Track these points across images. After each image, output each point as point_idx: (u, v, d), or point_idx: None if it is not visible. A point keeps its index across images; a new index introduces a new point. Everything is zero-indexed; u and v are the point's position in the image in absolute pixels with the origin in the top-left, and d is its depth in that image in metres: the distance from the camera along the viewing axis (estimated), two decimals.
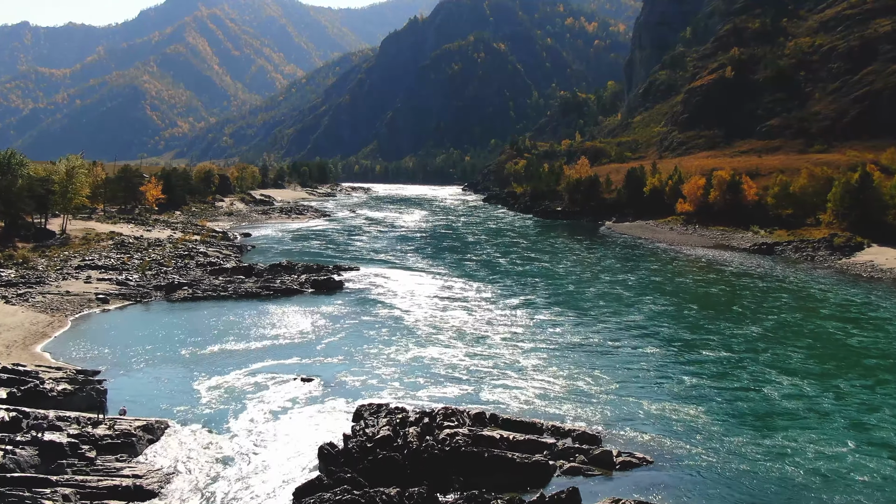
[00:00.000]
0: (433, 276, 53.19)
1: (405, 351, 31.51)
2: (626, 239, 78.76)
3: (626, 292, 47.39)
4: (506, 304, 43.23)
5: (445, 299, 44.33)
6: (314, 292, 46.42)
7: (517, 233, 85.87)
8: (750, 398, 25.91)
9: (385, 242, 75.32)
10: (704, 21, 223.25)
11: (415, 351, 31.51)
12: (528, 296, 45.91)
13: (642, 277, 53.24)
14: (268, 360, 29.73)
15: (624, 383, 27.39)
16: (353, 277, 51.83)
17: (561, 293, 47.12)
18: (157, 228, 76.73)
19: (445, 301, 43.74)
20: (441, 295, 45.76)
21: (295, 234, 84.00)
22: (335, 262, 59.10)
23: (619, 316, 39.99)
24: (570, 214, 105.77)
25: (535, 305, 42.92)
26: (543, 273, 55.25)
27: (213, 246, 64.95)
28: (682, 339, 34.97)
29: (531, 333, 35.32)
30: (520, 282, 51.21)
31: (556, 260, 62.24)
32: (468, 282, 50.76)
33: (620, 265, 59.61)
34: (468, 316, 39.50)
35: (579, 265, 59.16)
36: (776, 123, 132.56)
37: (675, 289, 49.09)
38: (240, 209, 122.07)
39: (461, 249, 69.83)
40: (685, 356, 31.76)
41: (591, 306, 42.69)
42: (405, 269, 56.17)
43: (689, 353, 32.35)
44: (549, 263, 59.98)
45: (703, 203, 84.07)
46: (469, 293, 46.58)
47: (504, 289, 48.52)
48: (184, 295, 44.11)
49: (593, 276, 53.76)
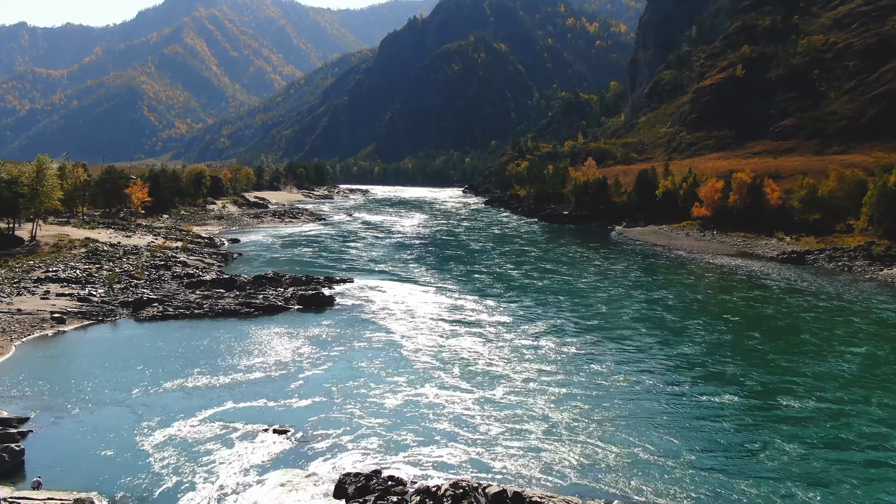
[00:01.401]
0: (436, 292, 47.40)
1: (402, 392, 26.03)
2: (642, 246, 73.52)
3: (668, 314, 40.75)
4: (525, 329, 36.56)
5: (451, 322, 38.31)
6: (301, 309, 41.27)
7: (525, 239, 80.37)
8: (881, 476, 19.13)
9: (382, 250, 70.10)
10: (710, 19, 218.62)
11: (414, 393, 26.00)
12: (552, 319, 39.01)
13: (679, 294, 46.94)
14: (237, 401, 24.58)
15: (695, 448, 20.77)
16: (346, 291, 46.68)
17: (591, 316, 40.38)
18: (138, 234, 71.58)
19: (451, 324, 37.75)
20: (446, 316, 39.82)
21: (286, 239, 78.85)
22: (327, 272, 53.97)
23: (669, 348, 33.15)
24: (578, 219, 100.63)
25: (562, 332, 35.93)
26: (564, 289, 48.81)
27: (194, 254, 59.80)
28: (757, 381, 27.62)
29: (561, 372, 28.57)
30: (539, 300, 44.86)
31: (574, 272, 56.10)
32: (478, 299, 44.62)
33: (649, 278, 53.65)
34: (479, 345, 32.95)
35: (602, 278, 53.05)
36: (790, 124, 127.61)
37: (721, 309, 42.49)
38: (231, 212, 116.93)
39: (466, 259, 64.09)
40: (771, 408, 24.54)
41: (631, 334, 35.78)
42: (404, 282, 50.75)
43: (774, 403, 25.07)
44: (568, 276, 53.87)
45: (721, 207, 78.96)
46: (479, 314, 40.40)
47: (521, 309, 41.98)
48: (153, 313, 38.96)
49: (624, 293, 47.19)
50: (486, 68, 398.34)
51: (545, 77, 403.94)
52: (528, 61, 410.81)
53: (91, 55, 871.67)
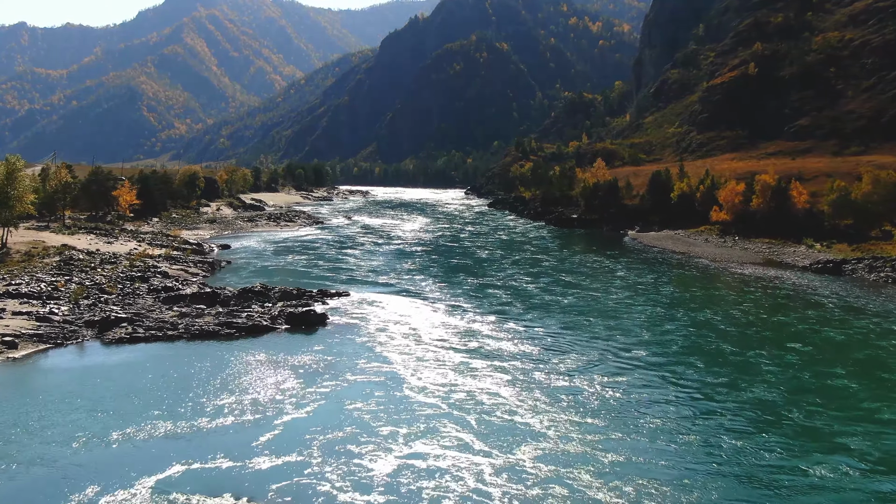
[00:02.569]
0: (444, 310, 41.71)
1: (398, 451, 20.63)
2: (661, 253, 68.64)
3: (723, 343, 33.64)
4: (555, 364, 29.46)
5: (463, 351, 32.05)
6: (289, 330, 36.54)
7: (535, 246, 75.15)
8: None
9: (382, 258, 65.30)
10: (718, 17, 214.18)
11: (413, 452, 20.54)
12: (586, 349, 32.49)
13: (727, 315, 39.87)
14: (195, 459, 19.82)
15: None
16: (341, 306, 41.95)
17: (632, 344, 33.39)
18: (121, 240, 66.87)
19: (463, 354, 31.42)
20: (456, 342, 33.71)
21: (280, 245, 74.17)
22: (321, 284, 49.27)
23: (738, 391, 26.05)
24: (588, 222, 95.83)
25: (601, 368, 29.30)
26: (593, 308, 42.22)
27: (178, 262, 55.08)
28: (876, 448, 20.72)
29: (607, 428, 22.05)
30: (566, 323, 38.26)
31: (599, 285, 50.16)
32: (494, 322, 38.12)
33: (684, 293, 47.59)
34: (499, 385, 26.48)
35: (632, 294, 47.03)
36: (806, 123, 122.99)
37: (781, 334, 35.28)
38: (225, 215, 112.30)
39: (475, 269, 58.60)
40: None
41: (687, 371, 28.67)
42: (407, 296, 45.67)
43: None
44: (593, 292, 47.77)
45: (742, 211, 74.22)
46: (497, 341, 33.89)
47: (547, 335, 35.24)
48: (121, 335, 34.24)
49: (663, 314, 40.39)
50: (487, 68, 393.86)
51: (547, 77, 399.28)
52: (530, 61, 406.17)
53: (91, 55, 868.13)
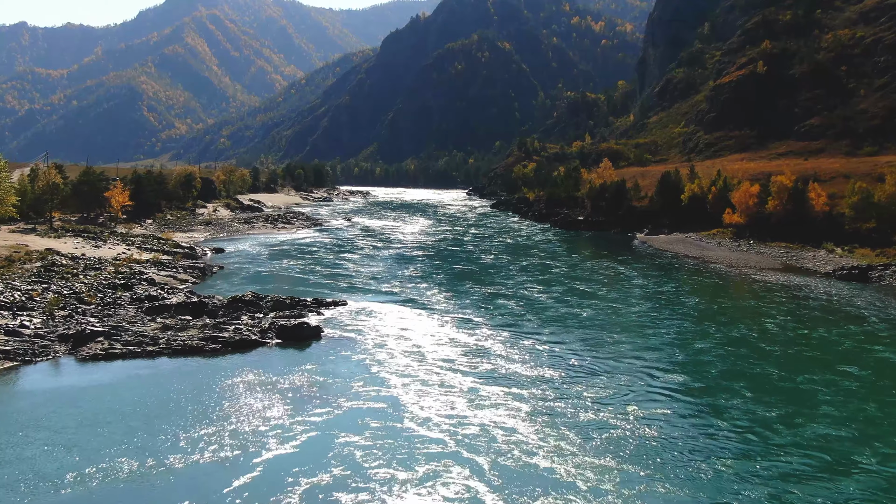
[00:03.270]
0: (450, 322, 37.96)
1: None
2: (674, 258, 65.64)
3: (772, 368, 28.99)
4: (580, 393, 25.31)
5: (472, 374, 27.91)
6: (280, 344, 33.65)
7: (543, 250, 71.88)
8: None
9: (382, 263, 62.36)
10: (724, 16, 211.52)
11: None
12: (613, 374, 28.06)
13: (763, 331, 35.18)
14: None
15: None
16: (337, 317, 39.08)
17: (664, 368, 29.42)
18: (109, 243, 64.04)
19: (473, 378, 27.30)
20: (464, 363, 29.67)
21: (276, 249, 71.32)
22: (317, 291, 46.41)
23: (803, 429, 22.01)
24: (595, 225, 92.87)
25: (635, 397, 25.03)
26: (615, 322, 37.95)
27: (167, 268, 52.22)
28: None
29: (660, 485, 17.98)
30: (588, 341, 33.81)
31: (617, 295, 46.13)
32: (507, 338, 33.81)
33: (710, 304, 43.56)
34: (516, 419, 22.52)
35: (654, 305, 43.16)
36: (817, 123, 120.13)
37: (830, 356, 31.15)
38: (221, 217, 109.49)
39: (481, 276, 55.08)
40: None
41: (734, 400, 24.63)
42: (408, 306, 42.57)
43: None
44: (612, 302, 43.61)
45: (757, 214, 71.29)
46: (511, 363, 29.50)
47: (569, 354, 31.23)
48: (96, 350, 31.41)
49: (694, 329, 35.89)
50: (489, 68, 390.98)
51: (550, 77, 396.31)
52: (532, 60, 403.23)
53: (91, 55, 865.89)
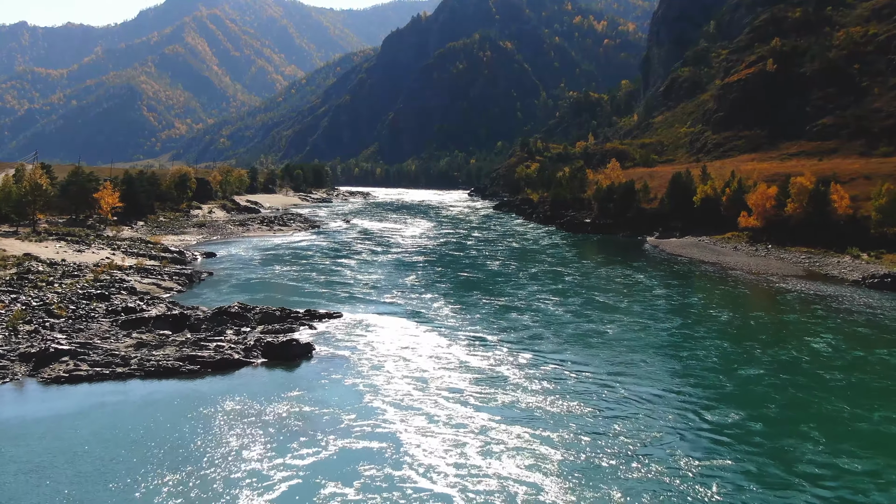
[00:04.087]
0: (458, 341, 33.78)
1: None
2: (691, 264, 62.12)
3: (839, 402, 24.92)
4: (623, 439, 21.24)
5: (486, 409, 24.04)
6: (266, 364, 30.33)
7: (552, 256, 68.02)
8: None
9: (381, 270, 58.95)
10: (730, 14, 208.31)
11: None
12: (659, 412, 23.74)
13: (814, 353, 30.66)
14: None
15: None
16: (330, 332, 35.73)
17: (717, 404, 24.76)
18: (94, 247, 60.79)
19: (488, 414, 23.44)
20: (476, 393, 25.67)
21: (270, 253, 68.01)
22: (310, 301, 43.09)
23: None
24: (602, 227, 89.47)
25: (691, 447, 20.82)
26: (645, 342, 33.94)
27: (151, 275, 48.91)
28: None
29: None
30: (619, 366, 29.48)
31: (639, 307, 42.01)
32: (525, 363, 29.82)
33: (749, 321, 39.02)
34: (543, 471, 18.95)
35: (683, 319, 39.11)
36: (830, 122, 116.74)
37: None
38: (216, 218, 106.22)
39: (489, 285, 50.76)
40: None
41: (807, 446, 20.91)
42: (410, 320, 38.93)
43: None
44: (637, 317, 39.26)
45: (775, 217, 67.94)
46: (532, 394, 25.69)
47: (599, 384, 26.86)
48: (59, 372, 28.15)
49: (735, 352, 31.31)
50: (491, 67, 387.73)
51: (552, 76, 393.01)
52: (534, 60, 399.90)
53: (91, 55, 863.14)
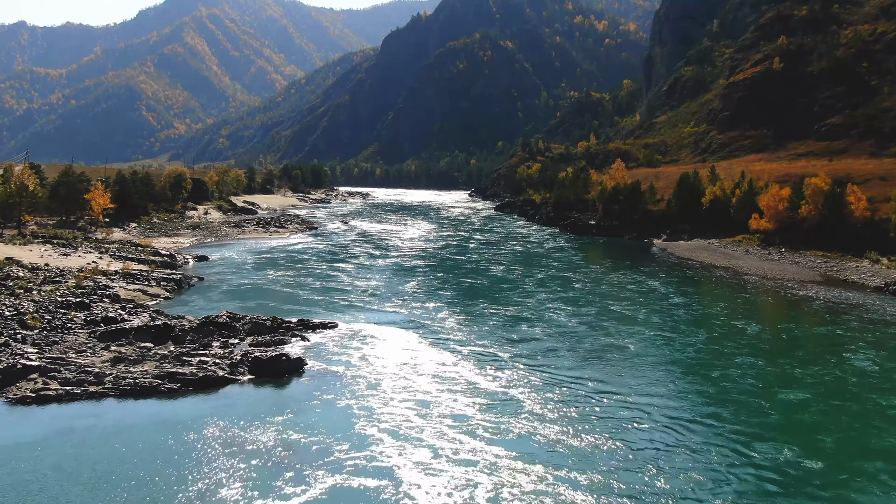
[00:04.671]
0: (464, 358, 30.74)
1: None
2: (703, 269, 59.56)
3: None
4: (656, 478, 18.69)
5: (500, 441, 21.24)
6: (253, 380, 27.92)
7: (558, 260, 65.08)
8: None
9: (380, 275, 56.46)
10: (733, 13, 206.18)
11: None
12: (704, 448, 20.86)
13: (867, 376, 28.81)
14: None
15: None
16: (324, 344, 33.32)
17: (766, 436, 22.07)
18: (80, 251, 58.38)
19: (502, 448, 20.67)
20: (490, 422, 22.76)
21: (265, 257, 65.61)
22: (303, 309, 40.69)
23: None
24: (607, 230, 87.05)
25: (750, 497, 18.02)
26: (673, 360, 31.01)
27: (137, 280, 46.49)
28: None
29: None
30: (647, 389, 26.51)
31: (658, 319, 38.90)
32: (541, 383, 26.82)
33: (781, 334, 36.25)
34: None
35: (708, 332, 36.02)
36: (839, 122, 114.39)
37: None
38: (212, 220, 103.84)
39: (495, 293, 47.69)
40: None
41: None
42: (411, 331, 36.26)
43: None
44: (660, 330, 35.99)
45: (788, 220, 65.57)
46: (551, 423, 22.57)
47: (627, 410, 24.01)
48: (28, 390, 25.80)
49: (774, 372, 29.14)
50: (491, 67, 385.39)
51: (553, 76, 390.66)
52: (535, 60, 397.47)
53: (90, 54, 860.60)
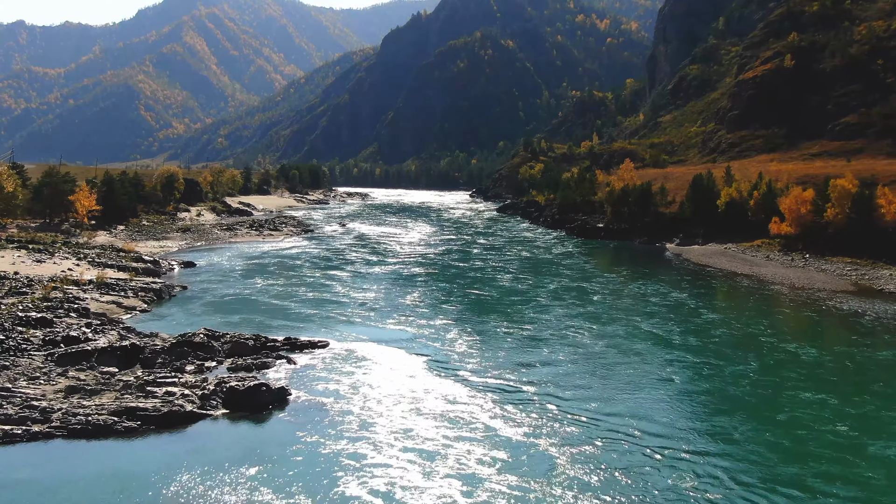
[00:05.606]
0: (476, 390, 25.97)
1: None
2: (725, 276, 55.56)
3: None
4: None
5: None
6: (228, 416, 24.01)
7: (570, 267, 60.01)
8: None
9: (377, 284, 52.33)
10: (740, 10, 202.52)
11: None
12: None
13: None
14: None
15: None
16: (314, 367, 29.41)
17: None
18: (57, 256, 54.54)
19: None
20: (513, 484, 18.85)
21: (256, 262, 61.73)
22: (292, 324, 36.79)
23: None
24: (617, 233, 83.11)
25: None
26: (726, 394, 26.18)
27: (113, 290, 42.60)
28: None
29: None
30: (704, 432, 22.43)
31: (696, 340, 33.64)
32: (575, 430, 22.15)
33: (841, 359, 31.38)
34: None
35: (753, 355, 31.34)
36: (854, 121, 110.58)
37: None
38: (204, 222, 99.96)
39: (506, 307, 42.62)
40: None
41: None
42: (412, 354, 31.59)
43: None
44: (701, 356, 30.80)
45: (811, 224, 61.72)
46: (588, 492, 18.01)
47: (687, 468, 19.46)
48: None
49: (856, 411, 24.55)
50: (492, 66, 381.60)
51: (554, 75, 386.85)
52: (536, 59, 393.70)
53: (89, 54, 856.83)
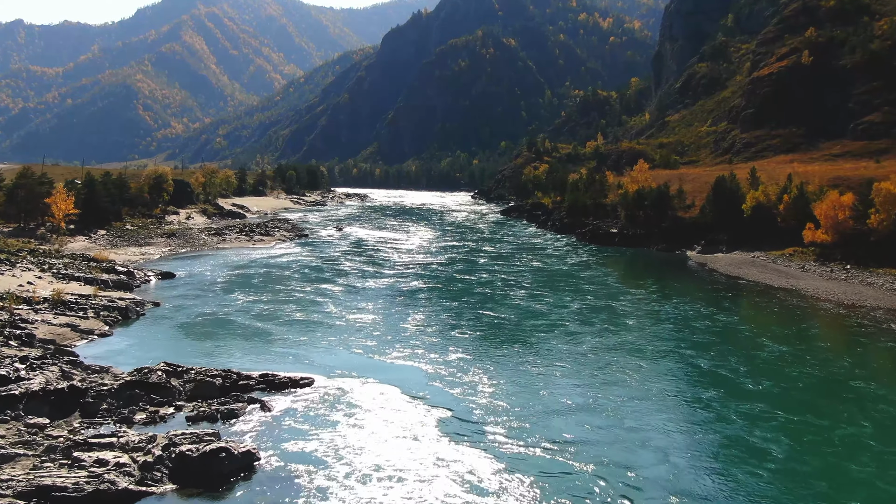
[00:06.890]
0: (502, 455, 20.67)
1: None
2: (760, 290, 50.08)
3: None
4: None
5: None
6: (176, 493, 18.56)
7: (588, 281, 53.65)
8: None
9: (374, 302, 46.63)
10: (749, 6, 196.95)
11: None
12: None
13: None
14: None
15: None
16: (295, 414, 23.94)
17: None
18: (19, 267, 49.08)
19: None
20: None
21: (242, 273, 56.28)
22: (272, 355, 31.31)
23: None
24: (632, 239, 77.59)
25: None
26: (806, 449, 21.67)
27: (71, 310, 37.19)
28: None
29: None
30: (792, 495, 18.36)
31: (755, 382, 27.75)
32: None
33: None
34: None
35: (842, 406, 26.18)
36: (878, 120, 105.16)
37: None
38: (192, 226, 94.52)
39: (523, 332, 36.50)
40: None
41: None
42: (415, 398, 25.89)
43: None
44: (767, 400, 25.44)
45: (851, 231, 56.34)
46: None
47: None
48: None
49: None
50: (494, 65, 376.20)
51: (557, 74, 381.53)
52: (538, 58, 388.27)
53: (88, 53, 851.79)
